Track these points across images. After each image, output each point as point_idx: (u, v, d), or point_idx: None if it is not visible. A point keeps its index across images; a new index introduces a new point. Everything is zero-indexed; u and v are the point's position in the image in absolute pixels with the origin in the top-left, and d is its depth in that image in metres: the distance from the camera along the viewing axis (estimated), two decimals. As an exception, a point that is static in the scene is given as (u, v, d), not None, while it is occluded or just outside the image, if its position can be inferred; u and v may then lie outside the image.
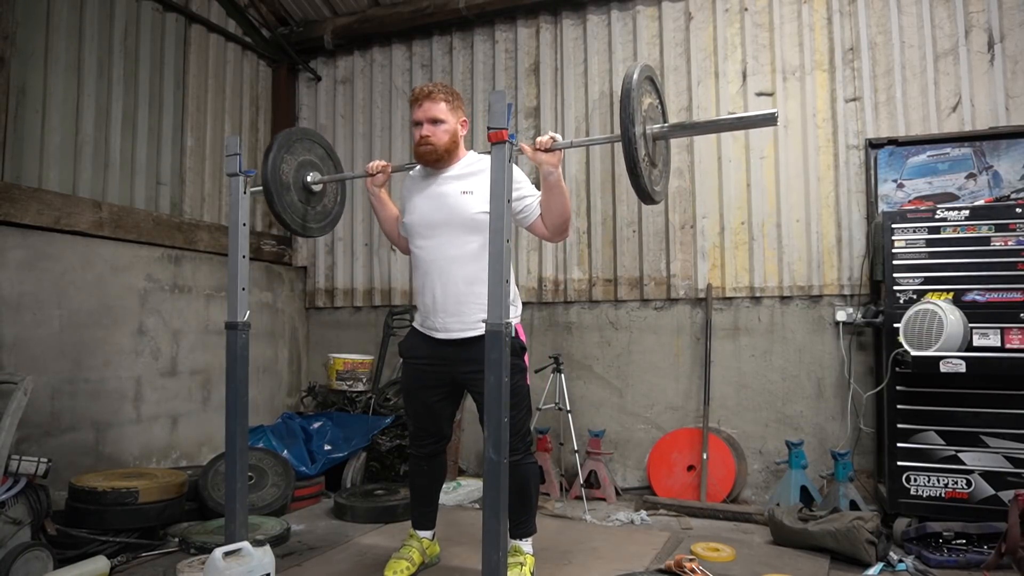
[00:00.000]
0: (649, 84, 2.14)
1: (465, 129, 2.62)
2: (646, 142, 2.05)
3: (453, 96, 2.56)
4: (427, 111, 2.50)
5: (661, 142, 2.22)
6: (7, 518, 2.58)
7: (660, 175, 2.24)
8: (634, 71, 2.01)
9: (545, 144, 2.23)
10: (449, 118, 2.52)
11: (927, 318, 2.93)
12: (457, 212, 2.50)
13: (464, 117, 2.62)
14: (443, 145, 2.52)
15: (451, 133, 2.53)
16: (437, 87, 2.55)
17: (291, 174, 2.71)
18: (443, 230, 2.53)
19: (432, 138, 2.50)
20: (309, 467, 3.85)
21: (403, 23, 4.82)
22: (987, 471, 2.95)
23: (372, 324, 4.96)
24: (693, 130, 3.13)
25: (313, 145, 2.86)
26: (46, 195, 3.40)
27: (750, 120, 2.44)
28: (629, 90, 1.96)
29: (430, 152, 2.52)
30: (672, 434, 4.05)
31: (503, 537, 1.99)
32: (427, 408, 2.70)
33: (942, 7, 3.69)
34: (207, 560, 2.34)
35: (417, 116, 2.53)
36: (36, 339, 3.33)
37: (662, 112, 2.26)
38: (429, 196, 2.58)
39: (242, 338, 2.58)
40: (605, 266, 4.31)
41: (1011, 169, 3.48)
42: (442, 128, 2.51)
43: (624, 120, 1.96)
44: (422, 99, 2.52)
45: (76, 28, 3.70)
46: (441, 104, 2.51)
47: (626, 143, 1.96)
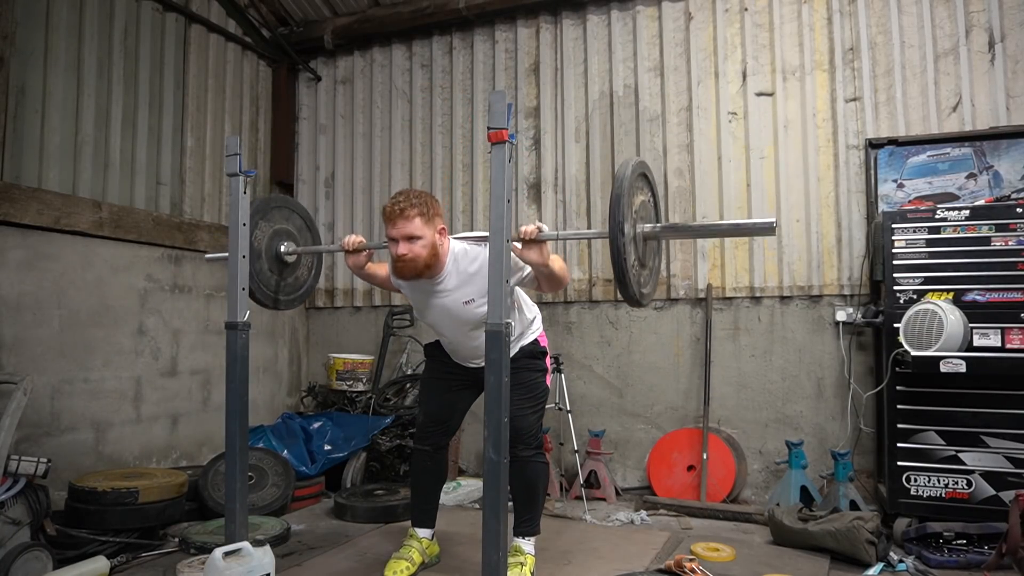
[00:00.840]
0: (642, 181, 2.05)
1: (444, 236, 2.48)
2: (636, 246, 1.96)
3: (427, 206, 2.41)
4: (401, 229, 2.37)
5: (652, 242, 2.12)
6: (7, 518, 2.58)
7: (649, 276, 2.15)
8: (627, 170, 1.89)
9: (530, 233, 2.16)
10: (426, 232, 2.38)
11: (927, 318, 2.92)
12: (466, 318, 2.51)
13: (442, 224, 2.48)
14: (423, 260, 2.40)
15: (429, 247, 2.40)
16: (409, 201, 2.39)
17: (264, 242, 2.67)
18: (453, 328, 2.58)
19: (409, 256, 2.39)
20: (309, 467, 3.85)
21: (403, 23, 4.82)
22: (987, 471, 2.94)
23: (372, 324, 4.96)
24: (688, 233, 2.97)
25: (292, 215, 2.81)
26: (46, 195, 3.40)
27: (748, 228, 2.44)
28: (620, 196, 1.84)
29: (410, 270, 2.42)
30: (672, 434, 4.05)
31: (503, 537, 1.98)
32: (445, 394, 2.74)
33: (942, 7, 3.69)
34: (207, 560, 2.34)
35: (391, 234, 2.41)
36: (36, 339, 3.33)
37: (655, 207, 2.17)
38: (432, 307, 2.56)
39: (242, 338, 2.58)
40: (605, 266, 4.31)
41: (1011, 169, 3.48)
42: (419, 244, 2.38)
43: (613, 228, 1.84)
44: (395, 218, 2.38)
45: (76, 28, 3.70)
46: (415, 220, 2.37)
47: (615, 253, 1.85)
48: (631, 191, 1.93)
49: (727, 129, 4.07)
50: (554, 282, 2.41)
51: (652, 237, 2.07)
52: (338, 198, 5.13)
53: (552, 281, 2.40)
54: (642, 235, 2.01)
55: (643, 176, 2.09)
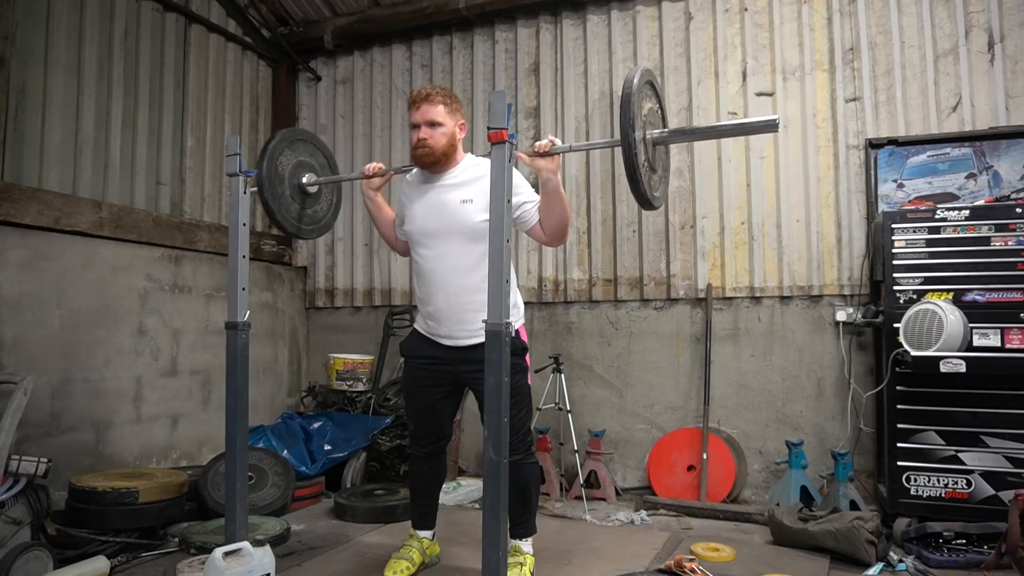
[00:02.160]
0: (649, 88, 2.13)
1: (463, 132, 2.58)
2: (646, 147, 2.03)
3: (452, 99, 2.52)
4: (424, 114, 2.46)
5: (660, 147, 2.20)
6: (7, 518, 2.58)
7: (659, 180, 2.22)
8: (634, 75, 1.99)
9: (544, 148, 2.21)
10: (447, 121, 2.48)
11: (927, 318, 2.92)
12: (458, 221, 2.48)
13: (463, 120, 2.58)
14: (440, 148, 2.48)
15: (449, 136, 2.49)
16: (435, 89, 2.51)
17: (288, 170, 2.69)
18: (444, 239, 2.51)
19: (429, 141, 2.46)
20: (309, 467, 3.85)
21: (403, 23, 4.82)
22: (987, 471, 2.95)
23: (372, 324, 4.96)
24: (693, 135, 3.12)
25: (316, 151, 2.83)
26: (46, 195, 3.40)
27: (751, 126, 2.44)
28: (629, 95, 1.94)
29: (427, 155, 2.48)
30: (672, 434, 4.05)
31: (503, 537, 1.99)
32: (428, 407, 2.70)
33: (942, 7, 3.69)
34: (207, 560, 2.34)
35: (415, 119, 2.49)
36: (36, 339, 3.33)
37: (662, 117, 2.25)
38: (428, 204, 2.55)
39: (242, 338, 2.58)
40: (605, 266, 4.31)
41: (1011, 169, 3.48)
42: (440, 131, 2.47)
43: (624, 125, 1.93)
44: (420, 101, 2.48)
45: (76, 28, 3.70)
46: (439, 107, 2.47)
47: (626, 148, 1.94)
48: (639, 96, 1.99)
49: (727, 129, 4.07)
50: (559, 215, 2.40)
51: (660, 142, 2.14)
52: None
53: (555, 212, 2.39)
54: (651, 140, 2.08)
55: (650, 84, 2.14)
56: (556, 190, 2.35)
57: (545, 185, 2.35)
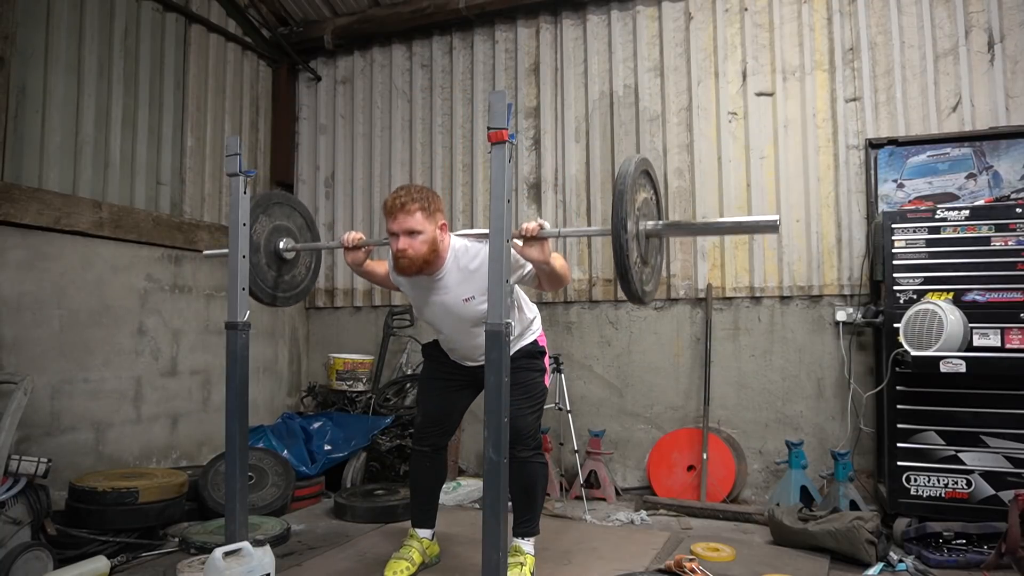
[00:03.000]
0: (645, 178, 2.05)
1: (445, 232, 2.47)
2: (639, 243, 1.95)
3: (428, 201, 2.39)
4: (402, 224, 2.36)
5: (654, 240, 2.11)
6: (7, 518, 2.58)
7: (651, 274, 2.14)
8: (629, 167, 1.88)
9: (532, 231, 2.17)
10: (426, 227, 2.37)
11: (927, 318, 2.92)
12: (466, 316, 2.50)
13: (443, 220, 2.47)
14: (422, 256, 2.38)
15: (430, 242, 2.38)
16: (411, 196, 2.38)
17: (263, 237, 2.65)
18: (454, 326, 2.56)
19: (409, 251, 2.37)
20: (309, 467, 3.85)
21: (403, 23, 4.82)
22: (987, 471, 2.95)
23: (372, 324, 4.96)
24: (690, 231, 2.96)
25: (293, 212, 2.78)
26: (46, 195, 3.40)
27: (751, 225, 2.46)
28: (623, 191, 1.82)
29: (409, 266, 2.40)
30: (672, 434, 4.05)
31: (503, 537, 1.98)
32: (444, 394, 2.73)
33: (942, 7, 3.69)
34: (207, 560, 2.34)
35: (391, 228, 2.39)
36: (36, 339, 3.33)
37: (657, 205, 2.16)
38: (431, 304, 2.54)
39: (242, 338, 2.58)
40: (605, 266, 4.31)
41: (1011, 169, 3.48)
42: (420, 239, 2.37)
43: (616, 225, 1.83)
44: (396, 212, 2.36)
45: (76, 28, 3.70)
46: (417, 215, 2.35)
47: (617, 250, 1.84)
48: (634, 188, 1.91)
49: (727, 129, 4.07)
50: (555, 280, 2.41)
51: (654, 234, 2.06)
52: (338, 198, 5.13)
53: (553, 279, 2.40)
54: (644, 232, 2.00)
55: (646, 173, 2.08)
56: (551, 273, 2.35)
57: (540, 270, 2.34)
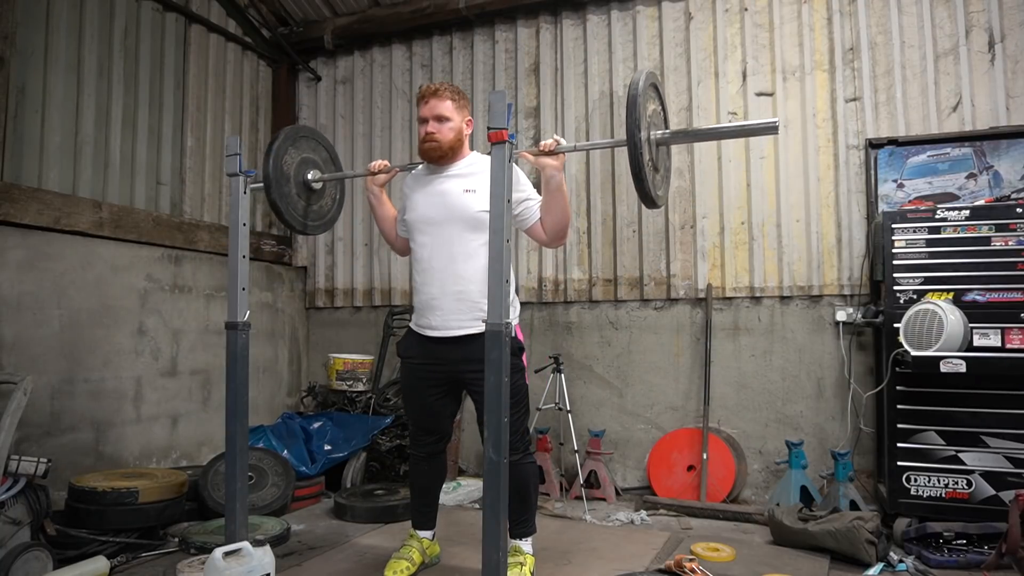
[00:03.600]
0: (653, 90, 2.17)
1: (470, 128, 2.63)
2: (650, 147, 2.07)
3: (460, 95, 2.57)
4: (433, 108, 2.52)
5: (663, 148, 2.25)
6: (7, 518, 2.58)
7: (662, 180, 2.26)
8: (640, 78, 2.03)
9: (548, 147, 2.25)
10: (455, 116, 2.54)
11: (927, 318, 2.92)
12: (459, 210, 2.51)
13: (470, 116, 2.63)
14: (447, 142, 2.52)
15: (456, 131, 2.54)
16: (444, 85, 2.56)
17: (292, 168, 2.71)
18: (444, 227, 2.53)
19: (437, 135, 2.51)
20: (309, 467, 3.85)
21: (403, 23, 4.82)
22: (987, 471, 2.94)
23: (372, 324, 4.96)
24: (695, 137, 3.25)
25: (318, 146, 2.85)
26: (46, 195, 3.40)
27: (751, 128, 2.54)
28: (635, 96, 1.99)
29: (434, 149, 2.53)
30: (672, 434, 4.05)
31: (503, 537, 1.99)
32: (427, 407, 2.70)
33: (942, 7, 3.69)
34: (207, 560, 2.34)
35: (423, 113, 2.54)
36: (36, 339, 3.33)
37: (664, 118, 2.29)
38: (431, 193, 2.59)
39: (242, 338, 2.58)
40: (605, 266, 4.31)
41: (1011, 169, 3.48)
42: (447, 126, 2.52)
43: (630, 125, 1.98)
44: (428, 96, 2.53)
45: (76, 28, 3.70)
46: (447, 102, 2.52)
47: (632, 148, 1.98)
48: (645, 97, 2.04)
49: (727, 129, 4.07)
50: (560, 213, 2.43)
51: (663, 142, 2.20)
52: (338, 198, 5.12)
53: (557, 210, 2.42)
54: (655, 140, 2.13)
55: (654, 87, 2.18)
56: (559, 187, 2.38)
57: (548, 182, 2.37)
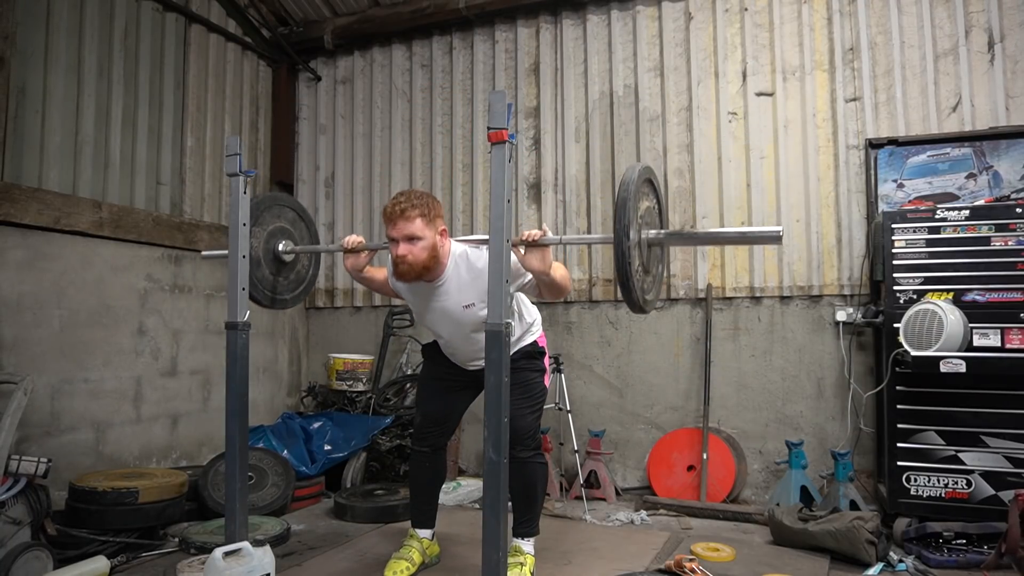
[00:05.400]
0: (648, 186, 2.05)
1: (445, 238, 2.47)
2: (640, 251, 1.95)
3: (429, 208, 2.39)
4: (401, 230, 2.36)
5: (656, 248, 2.11)
6: (7, 518, 2.58)
7: (653, 283, 2.14)
8: (633, 174, 1.89)
9: (534, 237, 2.17)
10: (427, 233, 2.37)
11: (927, 318, 2.92)
12: (466, 322, 2.50)
13: (443, 226, 2.47)
14: (422, 263, 2.39)
15: (430, 248, 2.39)
16: (411, 202, 2.37)
17: (260, 247, 2.63)
18: (455, 332, 2.56)
19: (409, 257, 2.37)
20: (309, 467, 3.85)
21: (403, 23, 4.82)
22: (987, 471, 2.94)
23: (372, 324, 4.96)
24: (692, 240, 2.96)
25: (283, 210, 2.75)
26: (46, 195, 3.40)
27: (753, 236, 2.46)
28: (626, 199, 1.83)
29: (409, 272, 2.41)
30: (672, 434, 4.05)
31: (503, 537, 1.98)
32: (443, 394, 2.72)
33: (942, 7, 3.69)
34: (207, 560, 2.34)
35: (391, 234, 2.39)
36: (36, 339, 3.33)
37: (659, 215, 2.16)
38: (431, 309, 2.55)
39: (242, 338, 2.58)
40: (605, 266, 4.31)
41: (1011, 169, 3.48)
42: (419, 245, 2.37)
43: (618, 232, 1.83)
44: (395, 218, 2.37)
45: (76, 28, 3.70)
46: (416, 221, 2.35)
47: (619, 258, 1.84)
48: (637, 196, 1.91)
49: (727, 129, 4.07)
50: (555, 290, 2.40)
51: (656, 243, 2.06)
52: (338, 198, 5.13)
53: (553, 289, 2.39)
54: (647, 241, 2.00)
55: (648, 182, 2.07)
56: (551, 284, 2.34)
57: (540, 281, 2.33)
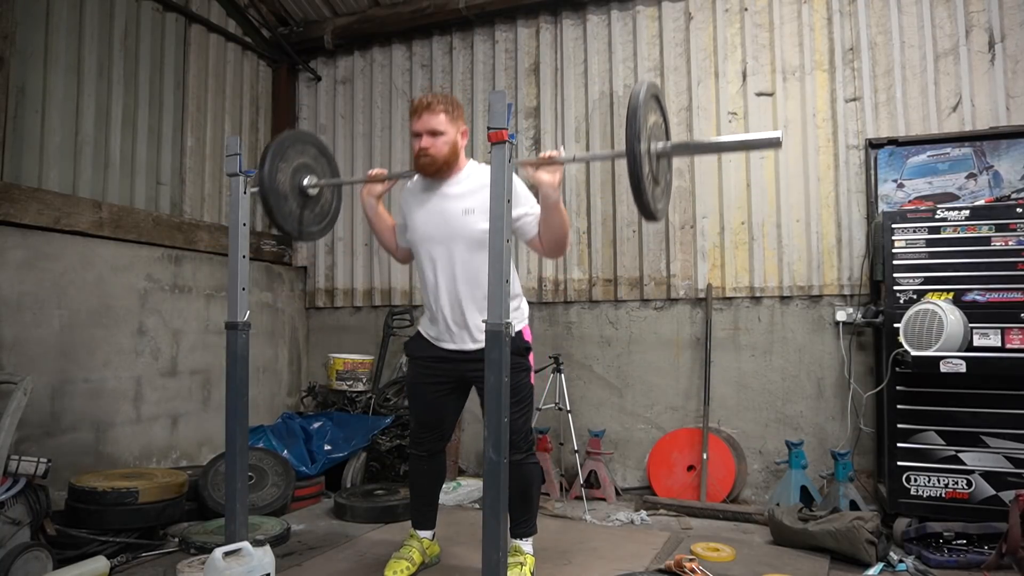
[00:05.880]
0: (655, 102, 2.13)
1: (465, 139, 2.58)
2: (650, 160, 2.04)
3: (453, 107, 2.51)
4: (426, 123, 2.46)
5: (664, 160, 2.20)
6: (6, 518, 2.58)
7: (662, 193, 2.22)
8: (641, 89, 1.99)
9: (546, 156, 2.20)
10: (449, 129, 2.48)
11: (927, 318, 2.92)
12: (460, 232, 2.49)
13: (464, 127, 2.57)
14: (443, 157, 2.48)
15: (451, 144, 2.49)
16: (436, 98, 2.49)
17: (287, 182, 2.66)
18: (447, 247, 2.52)
19: (431, 150, 2.46)
20: (309, 467, 3.85)
21: (403, 23, 4.82)
22: (987, 471, 2.94)
23: (372, 324, 4.96)
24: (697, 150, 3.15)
25: (306, 146, 2.79)
26: (46, 195, 3.40)
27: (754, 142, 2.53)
28: (636, 108, 1.94)
29: (430, 164, 2.48)
30: (672, 434, 4.05)
31: (503, 537, 1.98)
32: (432, 402, 2.69)
33: (942, 7, 3.69)
34: (207, 560, 2.34)
35: (416, 128, 2.49)
36: (36, 339, 3.33)
37: (665, 130, 2.25)
38: (430, 212, 2.56)
39: (242, 338, 2.58)
40: (605, 266, 4.31)
41: (1011, 169, 3.48)
42: (441, 140, 2.47)
43: (630, 137, 1.93)
44: (421, 111, 2.47)
45: (76, 28, 3.70)
46: (440, 115, 2.46)
47: (631, 160, 1.93)
48: (646, 108, 2.00)
49: (727, 129, 4.07)
50: (557, 228, 2.40)
51: (664, 154, 2.15)
52: (338, 198, 5.12)
53: (555, 226, 2.39)
54: (656, 152, 2.09)
55: (655, 98, 2.15)
56: (556, 205, 2.35)
57: (545, 200, 2.34)
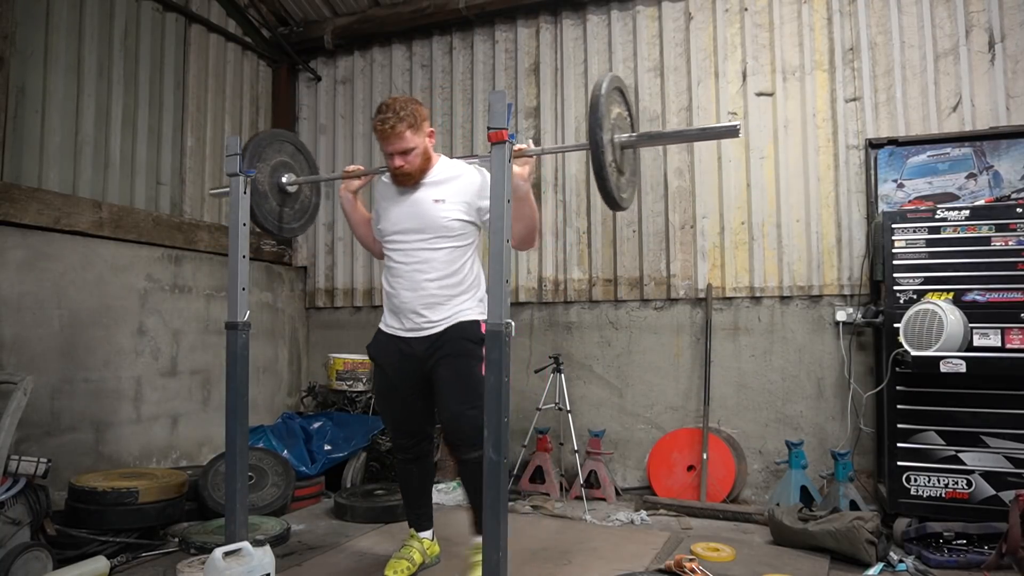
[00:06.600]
0: (618, 95, 2.21)
1: (432, 139, 2.64)
2: (613, 149, 2.10)
3: (413, 116, 2.51)
4: (394, 146, 2.52)
5: (629, 151, 2.26)
6: (6, 518, 2.58)
7: (627, 183, 2.28)
8: (603, 81, 2.07)
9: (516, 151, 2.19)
10: (417, 141, 2.54)
11: (927, 318, 2.92)
12: (429, 219, 2.55)
13: (430, 128, 2.62)
14: (418, 167, 2.57)
15: (422, 154, 2.57)
16: (395, 116, 2.47)
17: (266, 181, 2.75)
18: (415, 235, 2.59)
19: (406, 167, 2.55)
20: (309, 467, 3.85)
21: (403, 23, 4.82)
22: (987, 471, 2.94)
23: (372, 324, 4.88)
24: (660, 140, 3.24)
25: (283, 144, 2.87)
26: (46, 195, 3.40)
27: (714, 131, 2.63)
28: (598, 98, 2.03)
29: (407, 178, 2.58)
30: (672, 434, 4.05)
31: (503, 537, 1.98)
32: (402, 405, 2.69)
33: (942, 7, 3.69)
34: (207, 560, 2.34)
35: (386, 149, 2.55)
36: (36, 339, 3.33)
37: (631, 122, 2.31)
38: (402, 203, 2.63)
39: (242, 338, 2.58)
40: (605, 266, 4.31)
41: (1011, 169, 3.48)
42: (413, 154, 2.54)
43: (592, 126, 2.01)
44: (387, 137, 2.50)
45: (76, 28, 3.70)
46: (405, 134, 2.49)
47: (593, 147, 2.01)
48: (608, 100, 2.07)
49: (727, 129, 4.07)
50: (526, 217, 2.43)
51: (628, 145, 2.22)
52: (337, 198, 5.11)
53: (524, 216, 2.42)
54: (619, 143, 2.16)
55: (618, 90, 2.22)
56: (526, 196, 2.39)
57: (516, 191, 2.31)
